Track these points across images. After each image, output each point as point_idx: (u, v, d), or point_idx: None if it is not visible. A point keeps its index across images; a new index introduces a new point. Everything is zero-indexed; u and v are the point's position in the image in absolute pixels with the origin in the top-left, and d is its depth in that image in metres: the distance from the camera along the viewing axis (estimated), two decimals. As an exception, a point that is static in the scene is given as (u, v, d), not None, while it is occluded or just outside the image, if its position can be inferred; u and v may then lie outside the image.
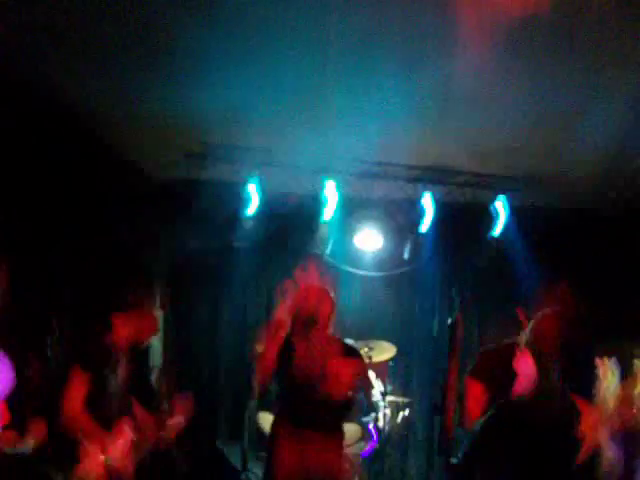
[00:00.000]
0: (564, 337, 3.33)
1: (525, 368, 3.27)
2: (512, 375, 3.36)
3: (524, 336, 3.50)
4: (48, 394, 3.55)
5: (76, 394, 3.47)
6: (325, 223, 6.15)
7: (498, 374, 3.40)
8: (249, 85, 4.56)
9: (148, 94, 4.78)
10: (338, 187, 5.92)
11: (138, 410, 3.73)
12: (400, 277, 6.90)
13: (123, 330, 3.69)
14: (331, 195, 5.91)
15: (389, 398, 6.10)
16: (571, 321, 3.34)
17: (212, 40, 4.09)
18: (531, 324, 3.49)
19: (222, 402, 6.66)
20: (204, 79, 4.49)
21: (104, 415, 3.56)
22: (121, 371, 3.70)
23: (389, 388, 6.16)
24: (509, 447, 3.27)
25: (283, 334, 3.85)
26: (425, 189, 6.22)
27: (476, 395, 3.36)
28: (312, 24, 3.96)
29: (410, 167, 6.11)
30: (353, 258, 6.83)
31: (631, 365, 5.26)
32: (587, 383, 3.38)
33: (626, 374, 4.97)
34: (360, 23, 3.93)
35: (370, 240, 6.70)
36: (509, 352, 3.47)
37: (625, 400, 3.41)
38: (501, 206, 6.06)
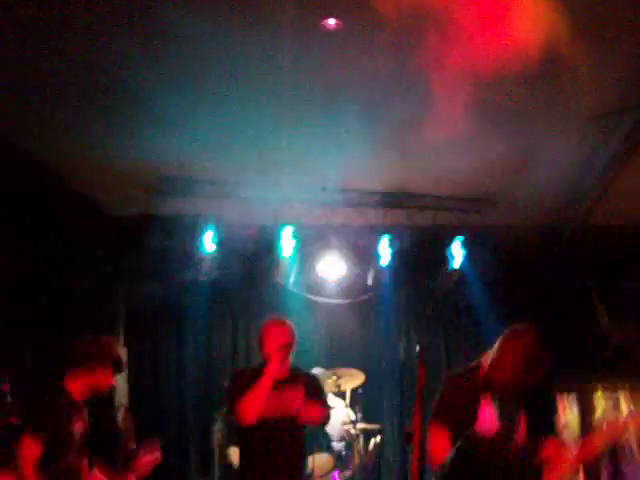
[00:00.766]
0: (526, 367, 3.30)
1: (487, 418, 3.26)
2: (476, 405, 3.34)
3: (488, 356, 3.46)
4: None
5: (28, 456, 3.34)
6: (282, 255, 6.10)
7: (462, 404, 3.35)
8: (207, 126, 4.56)
9: (108, 134, 4.78)
10: (294, 233, 5.97)
11: (98, 468, 3.63)
12: (364, 304, 6.88)
13: (75, 387, 3.57)
14: (289, 234, 5.95)
15: (359, 425, 6.04)
16: (534, 354, 3.32)
17: (171, 84, 4.11)
18: (495, 347, 3.45)
19: (190, 439, 6.52)
20: (165, 121, 4.49)
21: (62, 474, 3.44)
22: (77, 426, 3.58)
23: (359, 416, 6.10)
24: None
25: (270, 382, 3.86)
26: (385, 215, 6.20)
27: (440, 441, 3.30)
28: (269, 67, 3.95)
29: (370, 193, 6.10)
30: (316, 287, 6.78)
31: (591, 399, 5.35)
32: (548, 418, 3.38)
33: (586, 408, 5.06)
34: (319, 64, 3.94)
35: (332, 268, 6.64)
36: (474, 377, 3.44)
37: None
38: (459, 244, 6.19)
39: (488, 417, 3.26)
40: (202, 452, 6.41)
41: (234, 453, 5.39)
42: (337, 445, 5.80)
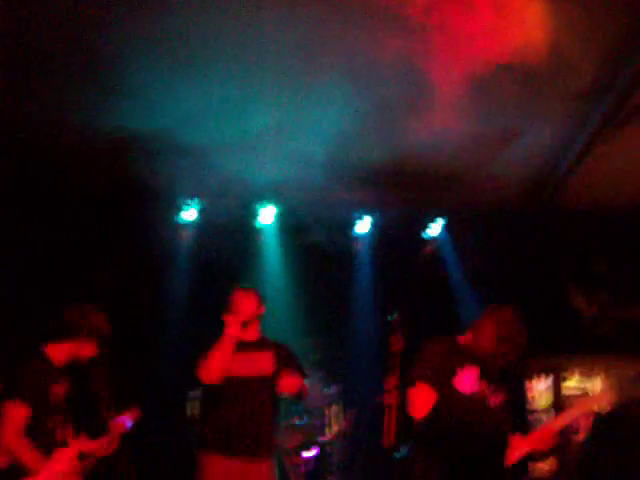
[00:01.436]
0: (505, 338, 3.41)
1: (466, 382, 3.37)
2: (455, 368, 3.44)
3: (469, 330, 3.57)
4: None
5: (13, 421, 3.40)
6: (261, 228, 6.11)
7: (441, 366, 3.47)
8: (185, 97, 4.52)
9: (82, 105, 4.74)
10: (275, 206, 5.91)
11: (79, 436, 3.70)
12: (340, 275, 6.95)
13: (57, 354, 3.64)
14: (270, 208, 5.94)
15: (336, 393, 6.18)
16: (513, 328, 3.44)
17: (149, 55, 4.09)
18: (476, 321, 3.56)
19: (168, 411, 6.56)
20: (142, 92, 4.47)
21: (44, 440, 3.51)
22: (57, 392, 3.64)
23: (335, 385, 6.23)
24: (445, 449, 3.36)
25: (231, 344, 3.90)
26: (366, 190, 6.24)
27: (422, 396, 3.40)
28: (249, 36, 3.90)
29: (352, 168, 6.11)
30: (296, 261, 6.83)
31: (562, 381, 5.49)
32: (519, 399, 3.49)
33: (558, 390, 5.17)
34: (302, 35, 3.89)
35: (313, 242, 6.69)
36: (453, 344, 3.56)
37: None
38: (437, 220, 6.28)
39: (467, 381, 3.39)
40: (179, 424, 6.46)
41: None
42: (313, 414, 5.92)
